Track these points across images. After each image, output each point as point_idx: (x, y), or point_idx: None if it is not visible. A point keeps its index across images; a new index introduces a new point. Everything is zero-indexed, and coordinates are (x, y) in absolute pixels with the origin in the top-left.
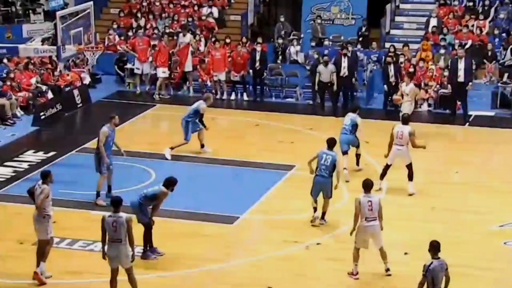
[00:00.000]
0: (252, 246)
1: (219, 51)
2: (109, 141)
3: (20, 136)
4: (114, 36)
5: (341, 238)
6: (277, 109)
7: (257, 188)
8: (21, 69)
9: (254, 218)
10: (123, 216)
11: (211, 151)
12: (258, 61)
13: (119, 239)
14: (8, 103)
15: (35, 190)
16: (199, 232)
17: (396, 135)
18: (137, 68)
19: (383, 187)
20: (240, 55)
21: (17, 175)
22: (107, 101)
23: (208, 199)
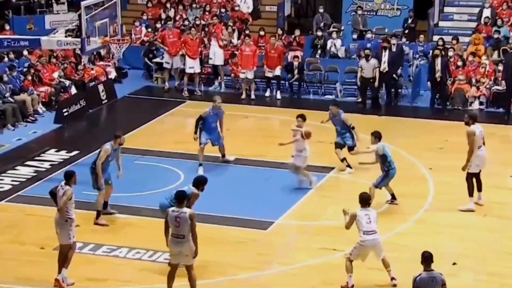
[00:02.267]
0: (288, 253)
1: (249, 47)
2: (109, 160)
3: (41, 134)
4: (141, 27)
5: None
6: (315, 107)
7: (292, 192)
8: (44, 63)
9: (289, 224)
10: (187, 211)
11: (233, 160)
12: (295, 73)
13: (182, 235)
14: (29, 99)
15: (58, 191)
16: (230, 238)
17: (480, 136)
18: (167, 62)
19: (482, 202)
20: (274, 48)
21: (38, 175)
22: (134, 97)
23: (240, 202)
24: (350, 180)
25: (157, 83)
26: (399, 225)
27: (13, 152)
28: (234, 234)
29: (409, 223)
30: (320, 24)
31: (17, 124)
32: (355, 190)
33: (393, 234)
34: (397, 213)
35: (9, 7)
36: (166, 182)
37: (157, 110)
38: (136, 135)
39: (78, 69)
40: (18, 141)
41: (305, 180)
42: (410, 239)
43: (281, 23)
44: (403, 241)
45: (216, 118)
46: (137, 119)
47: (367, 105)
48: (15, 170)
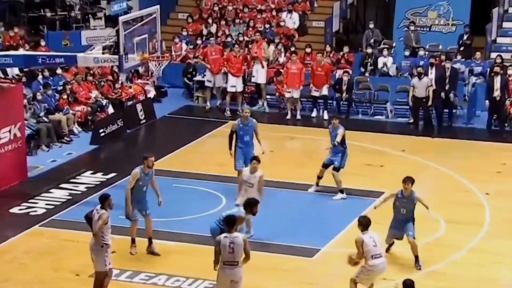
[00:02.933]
0: (335, 283)
1: (295, 65)
2: (141, 185)
3: (77, 155)
4: (181, 44)
5: (437, 276)
6: (364, 128)
7: (339, 217)
8: (80, 81)
9: (337, 252)
10: (239, 236)
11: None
12: (344, 91)
13: (236, 262)
14: (64, 119)
15: (93, 215)
16: (275, 265)
17: None
18: (208, 81)
19: None
20: (321, 66)
21: (73, 198)
22: (174, 117)
23: (284, 228)
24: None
25: (198, 103)
26: (452, 254)
27: (47, 174)
28: (278, 262)
29: (464, 251)
30: (370, 41)
31: (51, 145)
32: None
33: (446, 263)
34: (450, 241)
35: (44, 22)
36: (207, 206)
37: (198, 131)
38: (175, 157)
39: (115, 88)
40: (52, 162)
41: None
42: (465, 269)
43: (329, 39)
44: (457, 271)
45: (248, 131)
46: (176, 140)
47: (420, 126)
48: (49, 193)
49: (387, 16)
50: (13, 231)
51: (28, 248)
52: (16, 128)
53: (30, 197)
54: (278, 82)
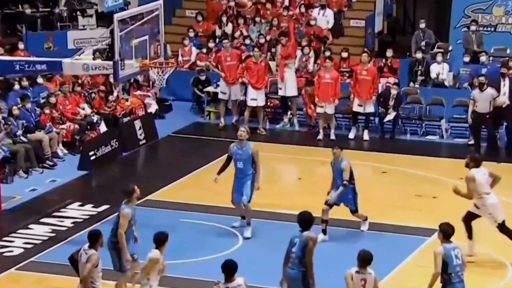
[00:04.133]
0: None
1: (329, 73)
2: (131, 224)
3: (62, 183)
4: (191, 47)
5: None
6: (413, 151)
7: (385, 259)
8: (66, 92)
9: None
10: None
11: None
12: (390, 107)
13: None
14: (47, 138)
15: (80, 256)
16: None
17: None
18: (223, 92)
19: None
20: (367, 69)
21: (57, 236)
22: (180, 137)
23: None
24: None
25: (210, 119)
26: None
27: (26, 206)
28: None
29: None
30: (421, 44)
31: (31, 170)
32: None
33: None
34: None
35: (22, 21)
36: (221, 245)
37: (209, 154)
38: (182, 185)
39: (109, 101)
40: (32, 192)
41: None
42: None
43: (370, 42)
44: None
45: (242, 156)
46: (183, 165)
47: (482, 149)
48: (28, 230)
49: (442, 14)
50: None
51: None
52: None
53: (4, 234)
54: (307, 95)
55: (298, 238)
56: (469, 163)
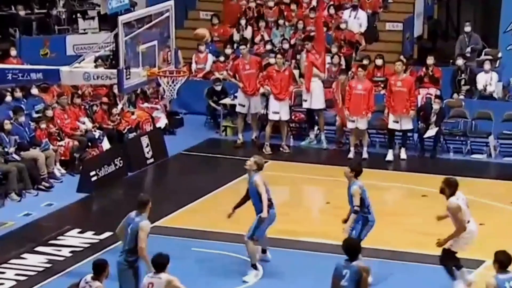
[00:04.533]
0: None
1: (362, 83)
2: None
3: (59, 207)
4: (206, 54)
5: None
6: (457, 171)
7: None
8: (64, 105)
9: None
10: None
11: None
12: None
13: None
14: (42, 156)
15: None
16: None
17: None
18: (241, 105)
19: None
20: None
21: (54, 267)
22: (192, 155)
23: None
24: None
25: (226, 135)
26: None
27: (19, 233)
28: None
29: None
30: (466, 50)
31: (24, 192)
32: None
33: None
34: None
35: (15, 24)
36: (238, 277)
37: (225, 174)
38: (195, 210)
39: (112, 114)
40: (25, 216)
41: None
42: None
43: (409, 48)
44: None
45: (250, 188)
46: (196, 186)
47: None
48: (21, 259)
49: (490, 16)
50: None
51: None
52: None
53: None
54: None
55: (348, 269)
56: (444, 189)
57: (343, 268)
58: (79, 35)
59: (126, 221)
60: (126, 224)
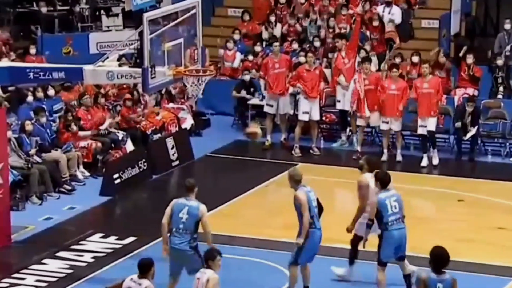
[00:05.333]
0: None
1: (396, 83)
2: None
3: (81, 211)
4: (234, 52)
5: None
6: (496, 175)
7: None
8: (88, 105)
9: None
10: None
11: None
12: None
13: None
14: (64, 159)
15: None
16: None
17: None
18: (269, 105)
19: None
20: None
21: (75, 272)
22: (219, 157)
23: None
24: None
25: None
26: None
27: (40, 237)
28: None
29: None
30: (505, 48)
31: (45, 195)
32: None
33: None
34: None
35: (37, 21)
36: (265, 284)
37: (253, 177)
38: (222, 214)
39: (137, 113)
40: (46, 220)
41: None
42: None
43: (446, 45)
44: None
45: (295, 206)
46: (223, 190)
47: None
48: (42, 265)
49: None
50: None
51: None
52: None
53: (14, 270)
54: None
55: (441, 283)
56: (363, 165)
57: (436, 281)
58: (102, 33)
59: (174, 207)
60: (176, 210)
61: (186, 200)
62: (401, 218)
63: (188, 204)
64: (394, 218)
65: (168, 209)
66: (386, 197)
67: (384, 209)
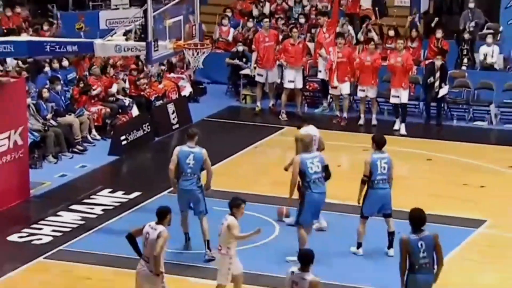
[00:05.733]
0: None
1: (370, 55)
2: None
3: (92, 169)
4: (228, 28)
5: None
6: (460, 137)
7: None
8: (97, 74)
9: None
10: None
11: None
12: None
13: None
14: (77, 122)
15: (147, 234)
16: None
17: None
18: (259, 75)
19: None
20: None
21: (87, 224)
22: (214, 121)
23: (353, 266)
24: (503, 237)
25: (246, 103)
26: None
27: (55, 192)
28: None
29: None
30: (469, 24)
31: (60, 155)
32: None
33: None
34: None
35: (53, 0)
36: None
37: (245, 139)
38: (216, 172)
39: (141, 83)
40: (61, 177)
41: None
42: None
43: (414, 22)
44: None
45: None
46: (218, 150)
47: None
48: (57, 217)
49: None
50: (11, 264)
51: (30, 287)
52: (17, 134)
53: (33, 222)
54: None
55: (422, 240)
56: (301, 124)
57: (418, 240)
58: (111, 11)
59: (180, 155)
60: (182, 157)
61: (189, 148)
62: (388, 179)
63: (192, 151)
64: (380, 178)
65: (174, 156)
66: (378, 158)
67: (375, 168)
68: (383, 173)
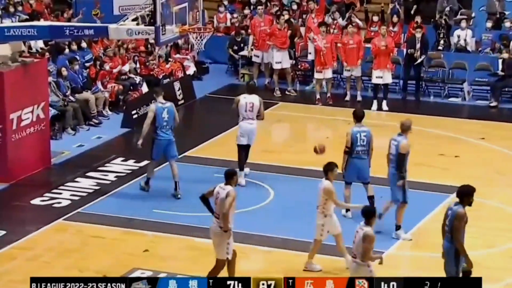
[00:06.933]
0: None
1: (353, 38)
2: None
3: (106, 140)
4: (226, 14)
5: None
6: (436, 112)
7: (407, 216)
8: (111, 55)
9: (403, 255)
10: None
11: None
12: (418, 50)
13: None
14: (93, 98)
15: (217, 194)
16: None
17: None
18: (256, 56)
19: None
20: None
21: (102, 189)
22: (216, 97)
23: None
24: (476, 202)
25: (244, 81)
26: None
27: (73, 160)
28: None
29: None
30: (444, 10)
31: (78, 127)
32: (500, 218)
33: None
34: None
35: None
36: (253, 199)
37: None
38: (217, 143)
39: (150, 63)
40: (79, 147)
41: None
42: None
43: (395, 8)
44: None
45: None
46: (219, 123)
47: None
48: (75, 182)
49: None
50: (34, 225)
51: (51, 245)
52: (40, 108)
53: (53, 187)
54: None
55: (451, 210)
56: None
57: (449, 209)
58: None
59: (157, 111)
60: (158, 113)
61: (161, 104)
62: (366, 151)
63: (164, 106)
64: (360, 149)
65: (151, 113)
66: (358, 131)
67: (355, 140)
68: (362, 144)
